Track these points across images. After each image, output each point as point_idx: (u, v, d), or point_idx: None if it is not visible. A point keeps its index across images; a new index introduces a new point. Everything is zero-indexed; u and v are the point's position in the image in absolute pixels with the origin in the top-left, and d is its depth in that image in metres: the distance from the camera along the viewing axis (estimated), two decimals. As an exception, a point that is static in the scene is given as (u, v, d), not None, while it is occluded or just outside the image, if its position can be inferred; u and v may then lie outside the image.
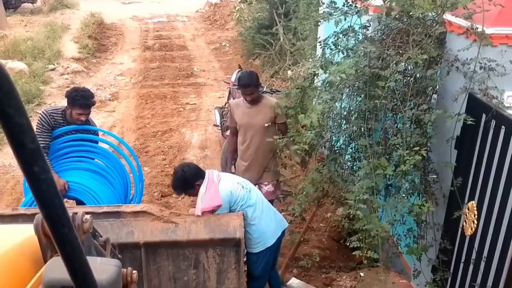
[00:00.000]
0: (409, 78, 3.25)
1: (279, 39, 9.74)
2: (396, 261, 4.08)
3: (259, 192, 3.55)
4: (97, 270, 0.95)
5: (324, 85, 3.67)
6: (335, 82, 3.33)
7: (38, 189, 0.72)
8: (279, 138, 3.93)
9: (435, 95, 3.33)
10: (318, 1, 6.92)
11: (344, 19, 3.54)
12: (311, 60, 5.67)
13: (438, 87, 3.22)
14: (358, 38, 3.58)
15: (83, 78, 10.17)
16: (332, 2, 3.60)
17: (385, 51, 3.19)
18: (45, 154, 3.72)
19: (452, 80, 3.05)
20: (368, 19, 3.73)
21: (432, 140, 3.14)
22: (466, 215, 2.94)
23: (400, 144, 3.06)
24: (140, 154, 6.59)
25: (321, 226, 5.19)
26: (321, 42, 3.88)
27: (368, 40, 3.51)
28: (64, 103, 4.09)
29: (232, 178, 3.47)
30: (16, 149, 0.67)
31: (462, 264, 3.10)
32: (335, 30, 3.64)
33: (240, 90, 4.33)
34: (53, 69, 10.10)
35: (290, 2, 9.77)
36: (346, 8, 3.55)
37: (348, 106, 3.71)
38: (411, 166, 2.91)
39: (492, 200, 2.72)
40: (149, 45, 13.04)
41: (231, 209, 3.25)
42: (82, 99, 3.84)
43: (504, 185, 2.59)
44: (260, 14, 11.10)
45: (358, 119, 3.48)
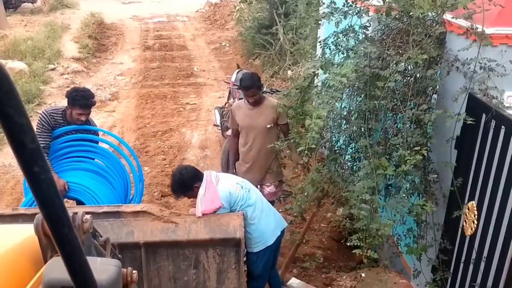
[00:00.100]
0: (409, 78, 3.24)
1: (279, 39, 9.74)
2: (396, 261, 4.08)
3: (259, 192, 3.55)
4: (97, 270, 0.95)
5: (325, 87, 3.66)
6: (336, 85, 3.32)
7: (38, 189, 0.72)
8: (284, 140, 3.92)
9: (435, 95, 3.32)
10: (318, 1, 6.92)
11: (344, 18, 3.54)
12: (311, 60, 5.66)
13: (438, 87, 3.22)
14: (358, 38, 3.58)
15: (83, 78, 10.17)
16: (332, 2, 3.60)
17: (385, 51, 3.19)
18: (45, 154, 3.72)
19: (452, 80, 3.05)
20: (368, 19, 3.73)
21: (432, 140, 3.14)
22: (466, 215, 2.94)
23: (401, 144, 3.06)
24: (140, 154, 6.59)
25: (322, 226, 5.19)
26: (321, 42, 3.88)
27: (368, 40, 3.50)
28: (64, 103, 4.09)
29: (231, 178, 3.46)
30: (16, 149, 0.68)
31: (462, 264, 3.10)
32: (335, 30, 3.63)
33: (241, 91, 4.32)
34: (53, 69, 10.09)
35: (290, 2, 9.78)
36: (346, 8, 3.54)
37: (348, 106, 3.71)
38: (411, 166, 2.91)
39: (492, 200, 2.72)
40: (149, 45, 13.03)
41: (231, 209, 3.25)
42: (82, 99, 3.84)
43: (504, 185, 2.59)
44: (260, 14, 11.10)
45: (358, 119, 3.48)
